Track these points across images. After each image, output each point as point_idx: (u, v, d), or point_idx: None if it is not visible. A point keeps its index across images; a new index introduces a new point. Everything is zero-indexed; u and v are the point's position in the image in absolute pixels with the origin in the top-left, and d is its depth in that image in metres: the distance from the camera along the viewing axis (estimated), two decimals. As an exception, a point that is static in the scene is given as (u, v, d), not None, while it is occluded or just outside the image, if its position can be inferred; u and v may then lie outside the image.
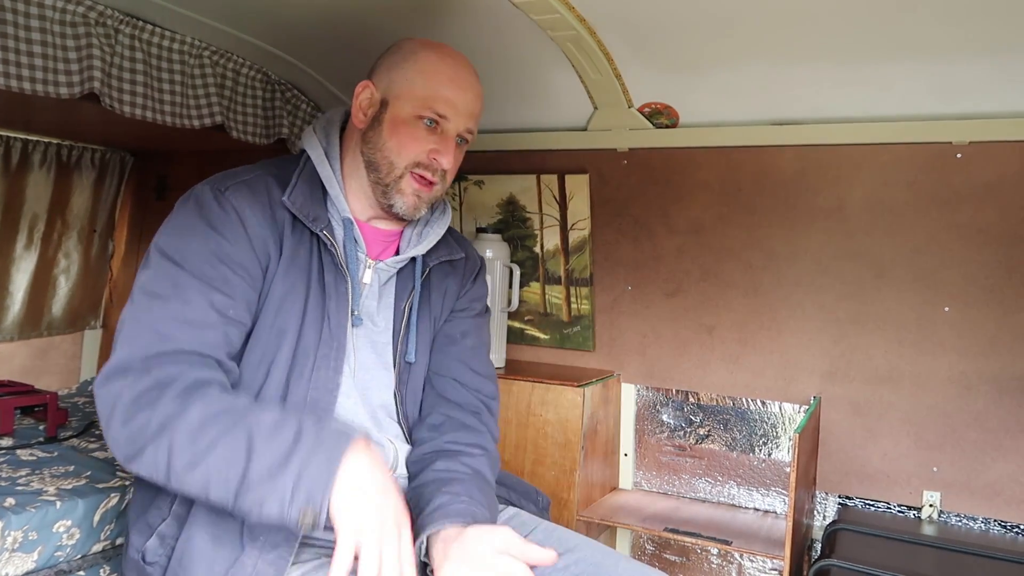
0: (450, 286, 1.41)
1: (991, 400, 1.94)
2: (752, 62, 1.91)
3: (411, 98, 1.24)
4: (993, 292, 1.93)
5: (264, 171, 1.25)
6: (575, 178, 2.38)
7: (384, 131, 1.25)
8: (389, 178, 1.25)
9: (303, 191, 1.23)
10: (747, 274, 2.22)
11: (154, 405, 1.01)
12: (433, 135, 1.25)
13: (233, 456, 0.97)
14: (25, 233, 2.73)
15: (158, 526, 1.16)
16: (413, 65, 1.26)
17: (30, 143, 2.64)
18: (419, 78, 1.25)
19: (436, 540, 1.09)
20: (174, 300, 1.09)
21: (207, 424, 0.99)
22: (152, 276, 1.12)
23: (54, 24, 1.57)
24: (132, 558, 1.20)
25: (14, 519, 1.52)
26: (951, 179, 1.97)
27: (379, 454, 1.01)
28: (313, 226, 1.21)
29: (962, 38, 1.68)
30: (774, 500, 2.22)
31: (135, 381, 1.03)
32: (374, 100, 1.27)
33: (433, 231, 1.35)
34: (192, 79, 1.91)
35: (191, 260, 1.12)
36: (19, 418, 2.28)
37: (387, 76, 1.27)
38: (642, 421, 2.39)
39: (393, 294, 1.33)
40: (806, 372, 2.15)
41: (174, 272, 1.11)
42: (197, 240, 1.14)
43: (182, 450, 0.98)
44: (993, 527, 1.94)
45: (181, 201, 1.20)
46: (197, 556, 1.10)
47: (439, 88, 1.24)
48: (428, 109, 1.24)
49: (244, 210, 1.17)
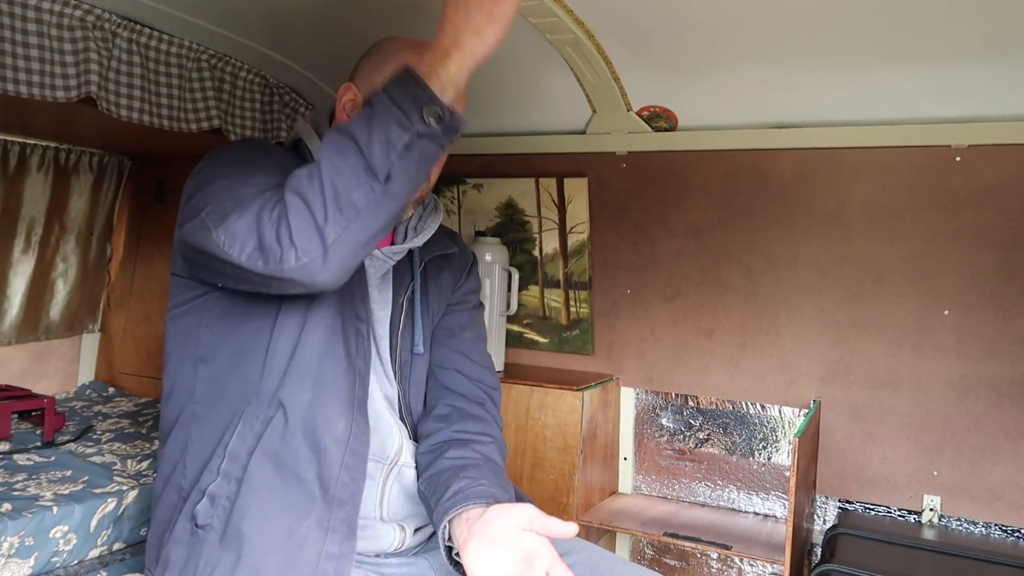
0: (445, 280, 1.42)
1: (991, 404, 1.94)
2: (751, 65, 1.91)
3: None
4: (992, 296, 1.93)
5: (284, 152, 1.25)
6: (574, 181, 2.38)
7: None
8: None
9: None
10: (746, 277, 2.21)
11: (279, 201, 0.99)
12: None
13: (341, 148, 0.97)
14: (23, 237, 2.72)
15: (207, 488, 1.13)
16: (394, 67, 1.22)
17: (28, 146, 2.63)
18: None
19: (459, 522, 1.09)
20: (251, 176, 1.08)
21: (310, 166, 0.99)
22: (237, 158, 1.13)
23: (51, 28, 1.56)
24: (180, 531, 1.15)
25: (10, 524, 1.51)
26: (950, 182, 1.97)
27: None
28: None
29: (961, 41, 1.68)
30: (774, 504, 2.21)
31: (269, 199, 1.01)
32: (357, 102, 1.26)
33: (428, 225, 1.35)
34: (190, 83, 1.90)
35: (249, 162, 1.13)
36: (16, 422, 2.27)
37: (369, 78, 1.26)
38: (641, 425, 2.39)
39: (391, 288, 1.33)
40: (806, 376, 2.14)
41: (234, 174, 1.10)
42: (253, 155, 1.15)
43: (307, 190, 0.97)
44: (993, 531, 1.94)
45: (224, 147, 1.19)
46: (253, 509, 1.10)
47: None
48: None
49: (281, 156, 1.19)
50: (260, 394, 1.15)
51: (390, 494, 1.26)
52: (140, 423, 2.43)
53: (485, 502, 1.11)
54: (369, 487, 1.23)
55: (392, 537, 1.25)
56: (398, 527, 1.26)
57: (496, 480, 1.21)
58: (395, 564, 1.27)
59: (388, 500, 1.26)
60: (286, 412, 1.14)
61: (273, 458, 1.13)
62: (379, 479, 1.25)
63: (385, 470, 1.26)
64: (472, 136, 2.52)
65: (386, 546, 1.25)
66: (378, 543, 1.24)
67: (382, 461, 1.26)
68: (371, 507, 1.24)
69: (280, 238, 0.96)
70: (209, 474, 1.15)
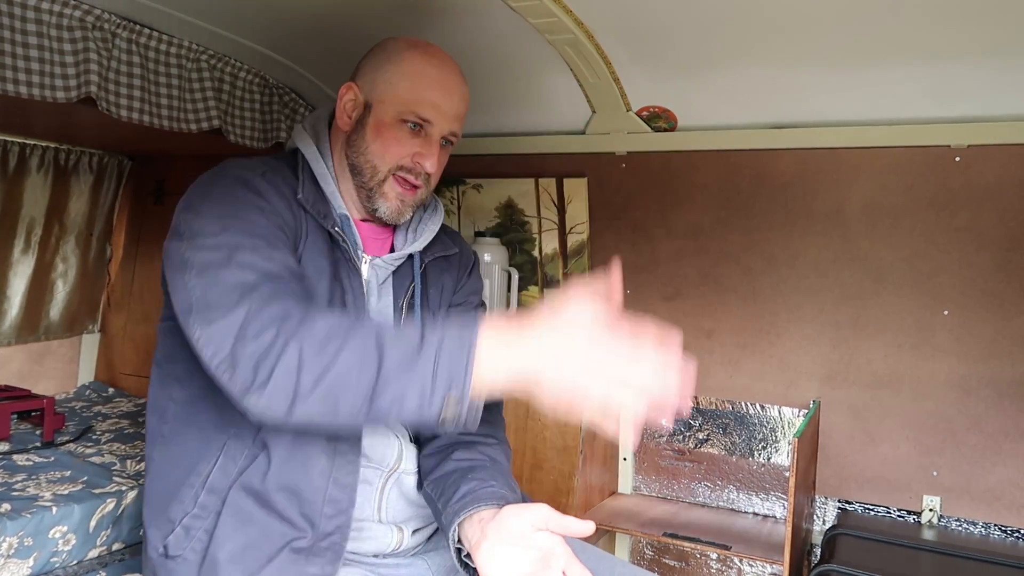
0: (446, 282, 1.41)
1: (991, 404, 1.93)
2: (750, 66, 1.91)
3: (395, 102, 1.23)
4: (992, 296, 1.93)
5: (271, 166, 1.23)
6: (573, 182, 2.38)
7: (367, 135, 1.24)
8: (372, 182, 1.25)
9: (310, 188, 1.22)
10: (746, 278, 2.21)
11: (284, 322, 0.93)
12: (417, 138, 1.24)
13: (365, 356, 0.90)
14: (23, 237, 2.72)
15: (181, 519, 1.14)
16: (397, 67, 1.24)
17: (28, 147, 2.64)
18: (403, 81, 1.23)
19: (470, 523, 1.10)
20: (258, 249, 1.04)
21: (333, 332, 0.92)
22: (203, 244, 1.04)
23: (51, 28, 1.56)
24: (152, 556, 1.18)
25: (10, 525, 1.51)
26: (950, 183, 1.97)
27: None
28: (325, 223, 1.21)
29: (961, 42, 1.68)
30: (773, 504, 2.21)
31: (260, 298, 0.96)
32: (358, 103, 1.26)
33: (428, 228, 1.35)
34: (190, 83, 1.90)
35: (247, 216, 1.08)
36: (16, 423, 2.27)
37: (371, 78, 1.25)
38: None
39: (391, 292, 1.33)
40: (805, 376, 2.14)
41: (225, 238, 1.05)
42: (249, 205, 1.10)
43: (311, 361, 0.91)
44: (993, 531, 1.94)
45: (210, 175, 1.15)
46: (233, 540, 1.10)
47: (424, 92, 1.23)
48: (412, 113, 1.22)
49: (280, 186, 1.16)
50: (242, 429, 1.13)
51: (388, 498, 1.26)
52: (140, 424, 2.43)
53: (497, 503, 1.11)
54: (367, 492, 1.23)
55: (390, 538, 1.25)
56: (396, 528, 1.26)
57: (504, 481, 1.21)
58: (392, 564, 1.27)
59: (386, 504, 1.25)
60: (269, 453, 1.13)
61: (254, 495, 1.12)
62: (377, 484, 1.25)
63: (384, 476, 1.25)
64: (472, 136, 2.52)
65: (384, 547, 1.25)
66: (376, 544, 1.24)
67: (381, 468, 1.25)
68: (369, 511, 1.24)
69: (257, 372, 0.92)
70: (180, 504, 1.15)
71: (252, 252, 1.03)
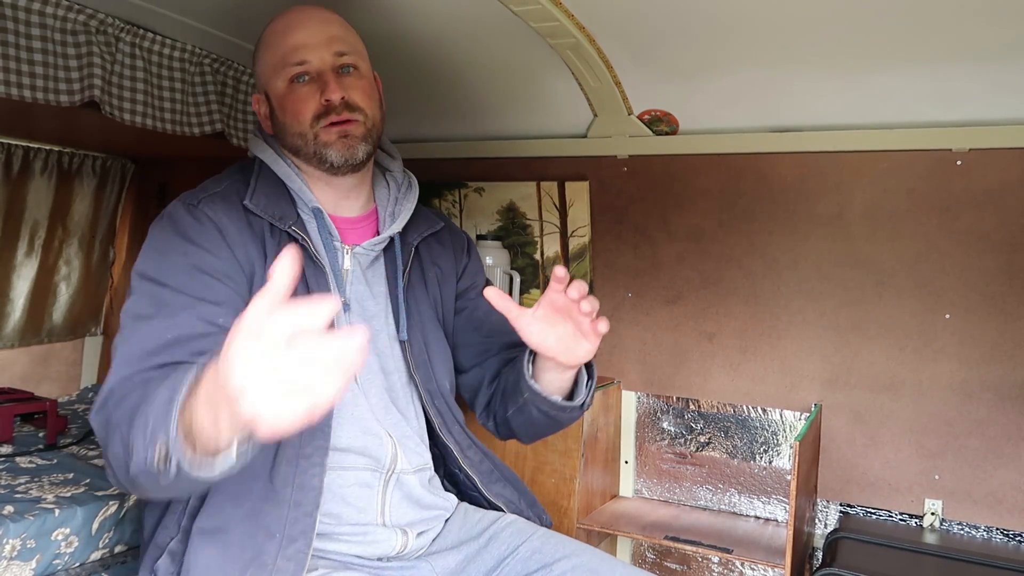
0: (442, 260, 1.41)
1: (993, 407, 1.93)
2: (752, 69, 1.91)
3: (273, 73, 1.26)
4: (994, 299, 1.93)
5: (230, 180, 1.25)
6: (575, 185, 2.38)
7: (279, 117, 1.27)
8: (310, 145, 1.24)
9: (264, 191, 1.23)
10: (747, 281, 2.21)
11: (111, 409, 1.00)
12: (311, 85, 1.24)
13: (140, 429, 0.92)
14: (26, 240, 2.73)
15: (168, 545, 1.15)
16: (262, 45, 1.29)
17: (31, 150, 2.64)
18: (267, 50, 1.27)
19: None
20: (159, 318, 1.08)
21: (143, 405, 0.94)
22: (136, 300, 1.11)
23: (55, 32, 1.57)
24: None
25: (12, 527, 1.52)
26: (951, 186, 1.97)
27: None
28: (281, 224, 1.21)
29: (962, 45, 1.68)
30: (775, 508, 2.21)
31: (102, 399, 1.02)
32: (263, 102, 1.30)
33: (404, 207, 1.34)
34: (192, 87, 1.91)
35: (172, 276, 1.11)
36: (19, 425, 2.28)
37: (257, 74, 1.31)
38: (642, 428, 2.39)
39: (384, 281, 1.32)
40: (807, 379, 2.14)
41: (156, 291, 1.10)
42: (176, 255, 1.13)
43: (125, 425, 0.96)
44: (995, 535, 1.93)
45: (155, 223, 1.20)
46: (205, 565, 1.10)
47: (282, 43, 1.25)
48: (286, 67, 1.24)
49: (221, 219, 1.16)
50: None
51: (391, 501, 1.26)
52: (142, 426, 2.43)
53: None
54: (368, 495, 1.23)
55: (394, 541, 1.25)
56: (400, 531, 1.26)
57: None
58: (397, 568, 1.27)
59: (390, 507, 1.25)
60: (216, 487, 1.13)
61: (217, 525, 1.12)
62: (378, 488, 1.25)
63: (383, 479, 1.25)
64: (473, 140, 2.53)
65: (388, 550, 1.25)
66: (380, 547, 1.24)
67: (379, 471, 1.25)
68: (373, 515, 1.24)
69: (111, 454, 0.99)
70: (165, 530, 1.16)
71: (161, 317, 1.08)
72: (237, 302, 1.14)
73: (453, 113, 2.42)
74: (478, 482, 1.37)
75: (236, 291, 1.15)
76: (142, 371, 1.03)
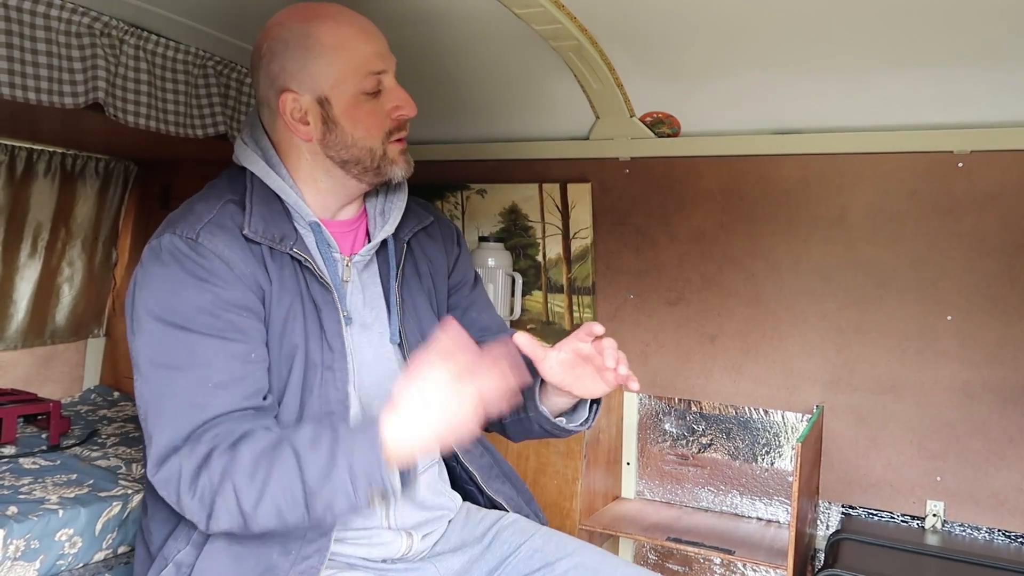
0: (433, 254, 1.39)
1: (994, 409, 1.93)
2: (753, 72, 1.91)
3: (346, 79, 1.17)
4: (996, 301, 1.93)
5: (220, 200, 1.19)
6: (577, 187, 2.39)
7: (344, 127, 1.19)
8: (375, 160, 1.22)
9: (260, 214, 1.18)
10: (749, 283, 2.22)
11: (209, 466, 1.03)
12: (381, 97, 1.21)
13: (289, 475, 1.00)
14: (29, 242, 2.73)
15: (175, 556, 1.15)
16: (320, 48, 1.17)
17: (35, 152, 2.65)
18: (336, 56, 1.17)
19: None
20: (195, 367, 1.07)
21: (259, 460, 1.01)
22: (159, 346, 1.09)
23: (59, 35, 1.58)
24: None
25: (16, 528, 1.52)
26: (953, 188, 1.97)
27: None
28: (281, 247, 1.17)
29: (964, 47, 1.69)
30: (777, 509, 2.21)
31: (187, 456, 1.04)
32: (304, 105, 1.19)
33: (395, 206, 1.31)
34: (196, 89, 1.91)
35: (195, 319, 1.09)
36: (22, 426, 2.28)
37: (302, 74, 1.18)
38: (644, 430, 2.39)
39: (379, 283, 1.31)
40: (809, 381, 2.14)
41: (182, 337, 1.08)
42: (192, 296, 1.10)
43: (245, 490, 1.01)
44: (997, 537, 1.94)
45: (153, 257, 1.15)
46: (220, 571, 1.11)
47: (358, 51, 1.18)
48: (366, 77, 1.19)
49: (224, 252, 1.13)
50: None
51: (397, 504, 1.25)
52: (145, 427, 2.43)
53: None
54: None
55: (399, 544, 1.25)
56: (405, 534, 1.26)
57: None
58: (401, 570, 1.27)
59: (395, 510, 1.25)
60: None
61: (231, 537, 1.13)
62: None
63: None
64: (476, 142, 2.53)
65: (393, 552, 1.25)
66: (385, 549, 1.24)
67: None
68: (378, 518, 1.24)
69: (205, 507, 1.04)
70: (175, 542, 1.17)
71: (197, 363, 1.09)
72: (261, 331, 1.14)
73: (455, 115, 2.43)
74: (478, 478, 1.37)
75: (257, 320, 1.14)
76: (195, 430, 1.06)
